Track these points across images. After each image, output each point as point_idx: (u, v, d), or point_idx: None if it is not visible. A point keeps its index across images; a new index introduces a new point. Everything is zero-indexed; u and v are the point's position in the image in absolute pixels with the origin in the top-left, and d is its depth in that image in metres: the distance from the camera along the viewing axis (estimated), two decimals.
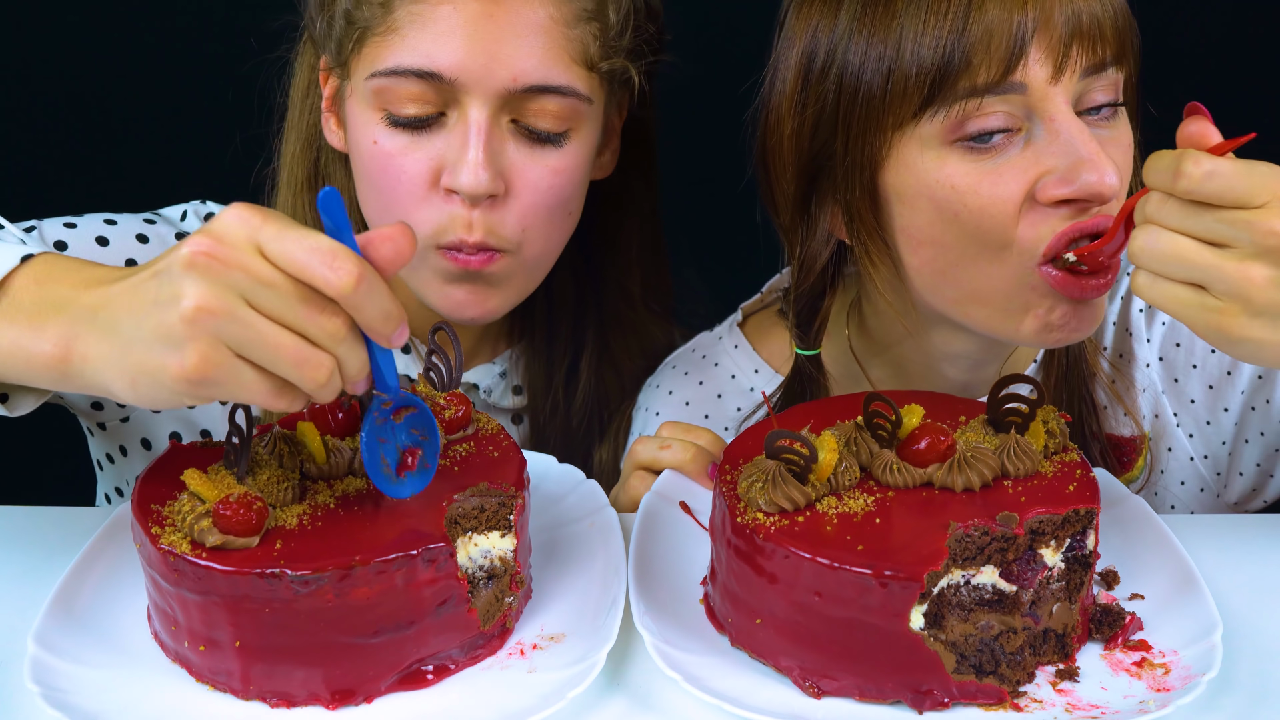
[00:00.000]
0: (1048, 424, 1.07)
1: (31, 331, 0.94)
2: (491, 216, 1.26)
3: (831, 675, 0.98)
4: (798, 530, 0.98)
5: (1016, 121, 1.14)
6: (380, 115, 1.26)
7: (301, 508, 1.00)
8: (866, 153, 1.18)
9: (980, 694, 0.97)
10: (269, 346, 0.87)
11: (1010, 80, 1.12)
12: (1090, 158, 1.12)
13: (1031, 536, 1.00)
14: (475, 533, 1.03)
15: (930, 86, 1.13)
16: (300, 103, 1.40)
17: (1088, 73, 1.14)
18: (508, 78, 1.22)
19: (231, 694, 0.98)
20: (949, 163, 1.15)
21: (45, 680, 0.95)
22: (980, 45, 1.11)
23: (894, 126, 1.16)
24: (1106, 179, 1.11)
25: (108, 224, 1.30)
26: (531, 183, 1.27)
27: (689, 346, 1.51)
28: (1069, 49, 1.12)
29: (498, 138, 1.25)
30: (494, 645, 1.03)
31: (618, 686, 1.01)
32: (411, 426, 1.01)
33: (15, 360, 0.95)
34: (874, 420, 1.05)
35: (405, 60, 1.22)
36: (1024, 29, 1.11)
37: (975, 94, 1.12)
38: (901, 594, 0.94)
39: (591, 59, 1.26)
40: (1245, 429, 1.38)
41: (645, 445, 1.25)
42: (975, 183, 1.14)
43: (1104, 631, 1.04)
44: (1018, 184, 1.14)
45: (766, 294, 1.50)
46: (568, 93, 1.25)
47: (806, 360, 1.33)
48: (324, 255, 0.86)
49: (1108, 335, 1.41)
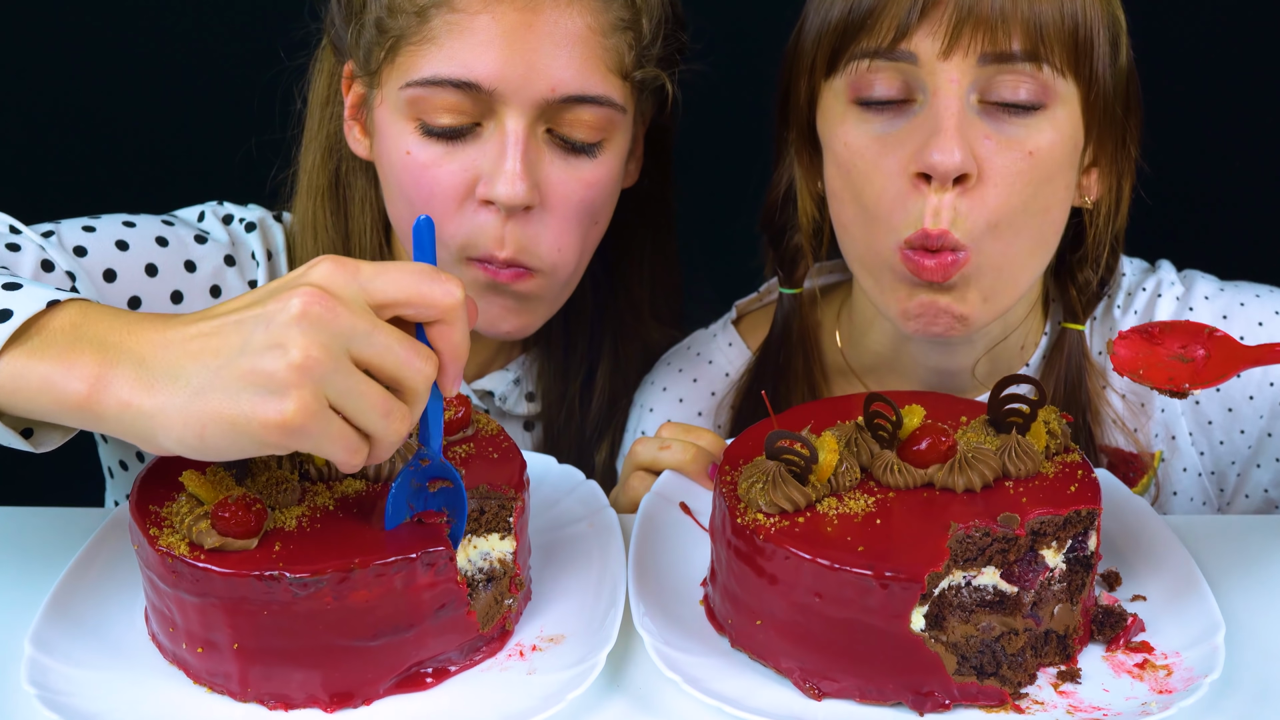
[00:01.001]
0: (1049, 424, 1.07)
1: (63, 368, 0.91)
2: (525, 232, 1.26)
3: (832, 677, 0.97)
4: (798, 531, 0.97)
5: (909, 92, 1.19)
6: (414, 125, 1.25)
7: (300, 510, 1.00)
8: (803, 96, 1.27)
9: (981, 695, 0.97)
10: (363, 397, 0.88)
11: (900, 48, 1.17)
12: (941, 132, 1.16)
13: (1033, 537, 0.99)
14: (475, 535, 1.03)
15: (837, 41, 1.21)
16: (320, 110, 1.39)
17: (988, 60, 1.16)
18: (546, 88, 1.22)
19: (229, 696, 0.98)
20: (849, 121, 1.22)
21: (42, 682, 0.95)
22: (878, 9, 1.18)
23: (822, 75, 1.24)
24: (944, 158, 1.15)
25: (126, 226, 1.29)
26: (565, 196, 1.27)
27: (684, 343, 1.52)
28: (959, 29, 1.15)
29: (534, 148, 1.24)
30: (493, 647, 1.03)
31: (617, 688, 1.01)
32: (444, 504, 1.00)
33: (43, 398, 0.92)
34: (874, 421, 1.05)
35: (443, 70, 1.22)
36: (916, 2, 1.16)
37: (868, 55, 1.19)
38: (902, 595, 0.94)
39: (626, 68, 1.26)
40: (1260, 453, 1.37)
41: (645, 446, 1.25)
42: (865, 145, 1.21)
43: (1106, 633, 1.04)
44: (897, 158, 1.19)
45: (764, 293, 1.50)
46: (604, 102, 1.25)
47: (790, 300, 1.39)
48: (428, 279, 0.89)
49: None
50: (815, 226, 1.34)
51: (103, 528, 1.11)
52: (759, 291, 1.51)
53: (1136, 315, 1.38)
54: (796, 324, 1.39)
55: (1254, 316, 1.35)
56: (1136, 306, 1.39)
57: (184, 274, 1.29)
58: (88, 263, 1.24)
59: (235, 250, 1.34)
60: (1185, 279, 1.39)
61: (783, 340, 1.40)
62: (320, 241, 1.36)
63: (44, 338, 0.93)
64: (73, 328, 0.93)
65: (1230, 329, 1.34)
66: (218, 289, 1.31)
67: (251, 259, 1.34)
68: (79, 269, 1.23)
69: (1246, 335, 1.34)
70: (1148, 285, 1.39)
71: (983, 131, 1.17)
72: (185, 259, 1.30)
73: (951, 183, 1.17)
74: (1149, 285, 1.39)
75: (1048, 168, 1.19)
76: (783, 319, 1.40)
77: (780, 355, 1.40)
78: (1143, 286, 1.39)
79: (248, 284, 1.33)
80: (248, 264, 1.34)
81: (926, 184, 1.17)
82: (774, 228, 1.38)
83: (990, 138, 1.17)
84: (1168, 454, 1.38)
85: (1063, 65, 1.18)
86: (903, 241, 1.19)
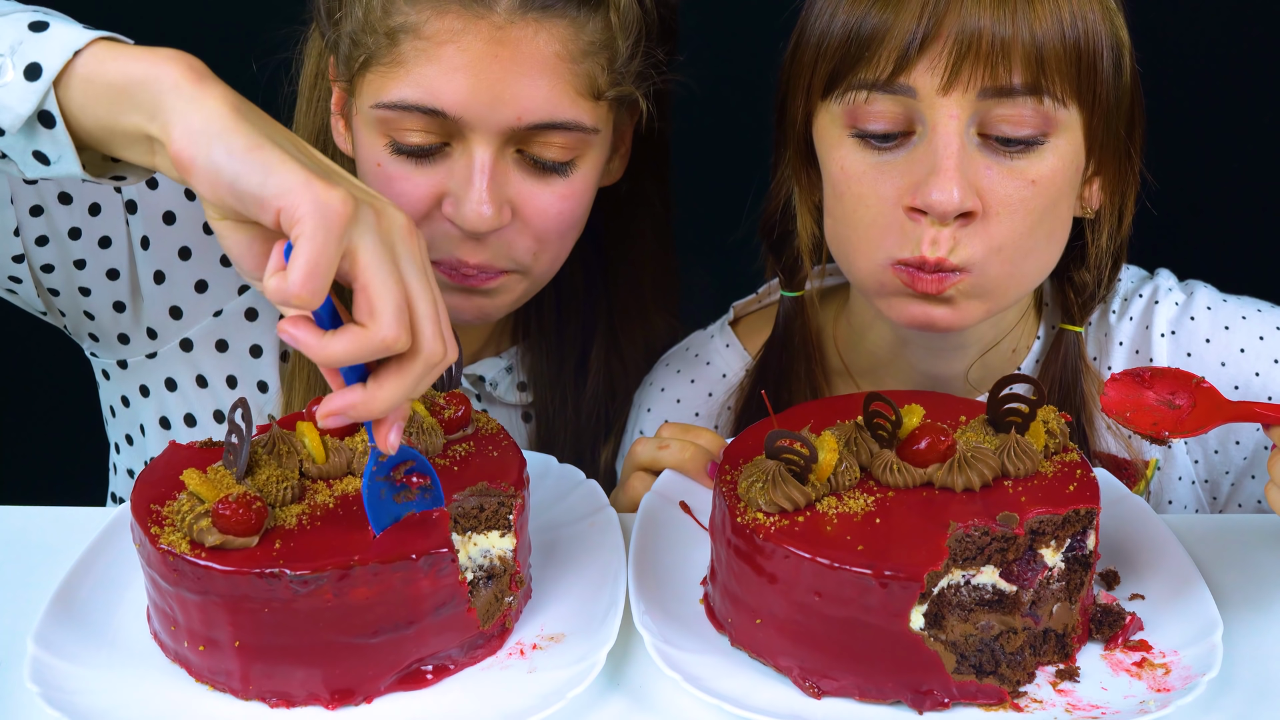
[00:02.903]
0: (1048, 424, 1.07)
1: (147, 62, 0.91)
2: (500, 240, 1.26)
3: (831, 675, 0.98)
4: (798, 530, 0.98)
5: (908, 124, 1.17)
6: (384, 141, 1.25)
7: (301, 507, 1.00)
8: (799, 114, 1.26)
9: (980, 694, 0.97)
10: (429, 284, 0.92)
11: (898, 81, 1.16)
12: (940, 172, 1.14)
13: (1032, 536, 1.00)
14: (475, 532, 1.03)
15: (835, 66, 1.19)
16: (308, 93, 1.39)
17: (988, 94, 1.14)
18: (512, 116, 1.21)
19: (231, 694, 0.98)
20: (845, 146, 1.21)
21: (45, 680, 0.95)
22: (876, 41, 1.16)
23: (818, 96, 1.22)
24: (944, 198, 1.14)
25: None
26: (540, 209, 1.27)
27: (683, 345, 1.52)
28: (959, 65, 1.13)
29: (502, 170, 1.24)
30: (494, 645, 1.03)
31: (618, 686, 1.01)
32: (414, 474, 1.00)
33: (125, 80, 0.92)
34: (874, 420, 1.05)
35: (409, 95, 1.21)
36: (915, 36, 1.14)
37: (866, 87, 1.17)
38: (901, 594, 0.94)
39: (599, 89, 1.25)
40: (1256, 465, 1.36)
41: (644, 446, 1.25)
42: (862, 171, 1.20)
43: (1104, 632, 1.04)
44: (893, 186, 1.18)
45: (762, 295, 1.50)
46: (573, 128, 1.24)
47: (791, 303, 1.38)
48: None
49: (1117, 356, 1.38)
50: (815, 241, 1.33)
51: (104, 527, 1.11)
52: (757, 293, 1.51)
53: (1132, 321, 1.37)
54: (799, 326, 1.39)
55: (1255, 330, 1.35)
56: (1133, 313, 1.38)
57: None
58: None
59: None
60: (1187, 288, 1.39)
61: (784, 343, 1.39)
62: None
63: (109, 48, 0.93)
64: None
65: (1231, 341, 1.34)
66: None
67: None
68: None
69: (1247, 348, 1.34)
70: (1144, 291, 1.38)
71: (983, 163, 1.16)
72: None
73: (952, 218, 1.16)
74: (1145, 291, 1.38)
75: (1050, 195, 1.19)
76: (784, 321, 1.40)
77: (782, 358, 1.40)
78: (1139, 293, 1.38)
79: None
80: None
81: (923, 216, 1.17)
82: (773, 236, 1.37)
83: (991, 168, 1.16)
84: (1162, 462, 1.38)
85: (1064, 95, 1.16)
86: (898, 260, 1.19)
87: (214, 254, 1.34)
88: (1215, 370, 1.34)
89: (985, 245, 1.17)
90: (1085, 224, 1.30)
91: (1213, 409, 1.06)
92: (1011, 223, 1.17)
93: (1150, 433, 1.06)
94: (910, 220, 1.18)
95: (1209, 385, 1.08)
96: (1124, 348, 1.37)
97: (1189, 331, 1.35)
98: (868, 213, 1.20)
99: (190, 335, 1.35)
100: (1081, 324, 1.34)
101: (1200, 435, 1.12)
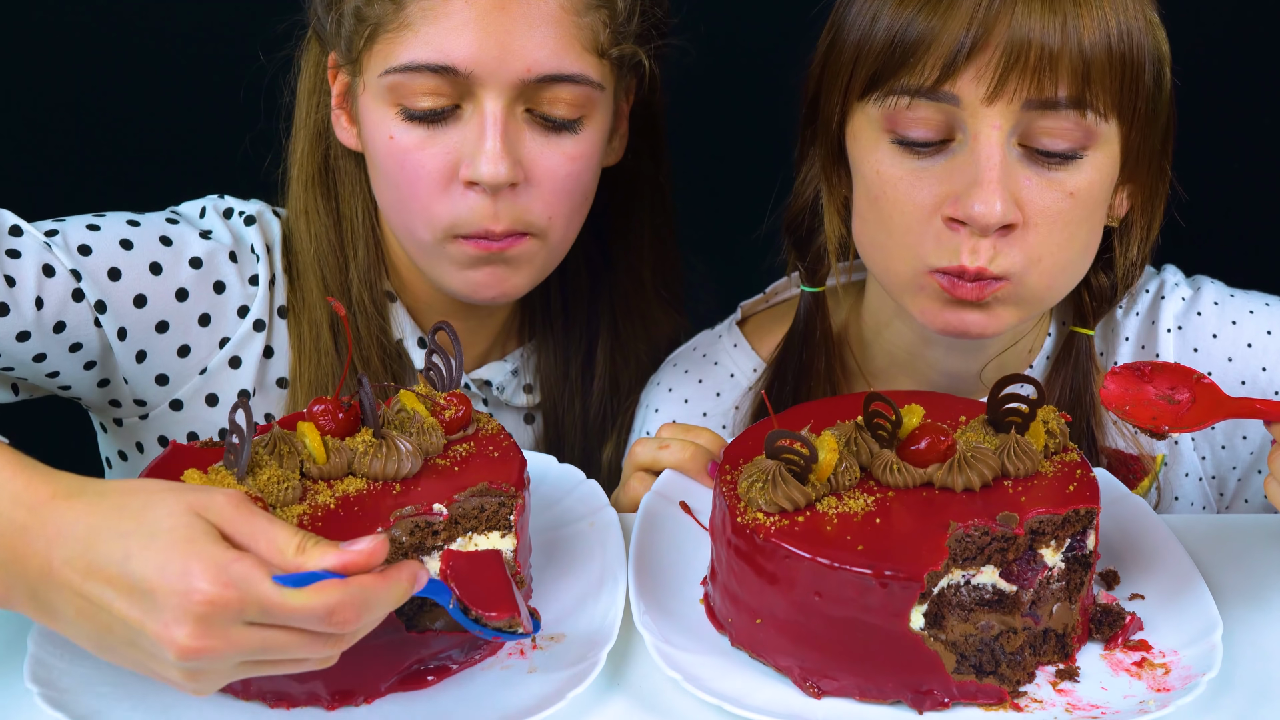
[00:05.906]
0: (1048, 424, 1.07)
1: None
2: (516, 204, 1.28)
3: (832, 675, 0.98)
4: (798, 530, 0.98)
5: (949, 131, 1.17)
6: (395, 110, 1.27)
7: (301, 508, 1.00)
8: (835, 113, 1.24)
9: (980, 694, 0.97)
10: (275, 651, 0.87)
11: (942, 89, 1.14)
12: (982, 184, 1.14)
13: (1031, 536, 1.00)
14: (475, 533, 1.03)
15: (877, 68, 1.17)
16: (307, 100, 1.41)
17: (1032, 106, 1.14)
18: (521, 69, 1.24)
19: (231, 694, 0.98)
20: (882, 149, 1.20)
21: (45, 680, 0.95)
22: (922, 47, 1.14)
23: (856, 96, 1.21)
24: (986, 210, 1.13)
25: (131, 225, 1.30)
26: (550, 170, 1.29)
27: (690, 344, 1.52)
28: (1006, 75, 1.13)
29: (514, 127, 1.26)
30: (494, 645, 1.03)
31: (618, 686, 1.01)
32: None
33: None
34: (874, 420, 1.05)
35: (419, 55, 1.24)
36: (963, 44, 1.13)
37: (909, 93, 1.16)
38: (902, 594, 0.94)
39: (602, 46, 1.28)
40: (1263, 459, 1.36)
41: (644, 446, 1.25)
42: (899, 176, 1.19)
43: (1104, 631, 1.04)
44: (931, 193, 1.17)
45: (769, 294, 1.50)
46: (581, 80, 1.27)
47: (811, 300, 1.36)
48: (318, 620, 0.85)
49: (1124, 351, 1.38)
50: (842, 241, 1.32)
51: None
52: (764, 293, 1.51)
53: (1139, 316, 1.37)
54: (820, 323, 1.38)
55: (1262, 325, 1.35)
56: (1139, 308, 1.38)
57: (189, 270, 1.31)
58: (92, 262, 1.25)
59: (237, 247, 1.35)
60: (1193, 283, 1.39)
61: (805, 340, 1.38)
62: (313, 228, 1.38)
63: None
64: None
65: (1238, 336, 1.34)
66: (221, 285, 1.32)
67: (251, 253, 1.36)
68: (84, 268, 1.24)
69: (1254, 343, 1.34)
70: (1150, 287, 1.38)
71: (1023, 175, 1.16)
72: (190, 257, 1.31)
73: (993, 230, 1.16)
74: (1152, 287, 1.38)
75: (1088, 206, 1.18)
76: (804, 318, 1.38)
77: (803, 354, 1.38)
78: (1145, 288, 1.38)
79: (248, 280, 1.34)
80: (248, 259, 1.35)
81: (963, 226, 1.16)
82: (799, 234, 1.36)
83: (1031, 179, 1.16)
84: (1169, 458, 1.38)
85: (1106, 109, 1.15)
86: (937, 269, 1.18)
87: (190, 318, 1.32)
88: (1222, 365, 1.34)
89: (1025, 256, 1.17)
90: (1110, 231, 1.30)
91: (1213, 405, 1.06)
92: (1050, 234, 1.17)
93: (1149, 427, 1.06)
94: (949, 230, 1.17)
95: (1210, 381, 1.08)
96: (1130, 343, 1.37)
97: (1195, 327, 1.35)
98: (904, 219, 1.19)
99: (179, 396, 1.34)
100: (1094, 326, 1.34)
101: (1199, 431, 1.12)
